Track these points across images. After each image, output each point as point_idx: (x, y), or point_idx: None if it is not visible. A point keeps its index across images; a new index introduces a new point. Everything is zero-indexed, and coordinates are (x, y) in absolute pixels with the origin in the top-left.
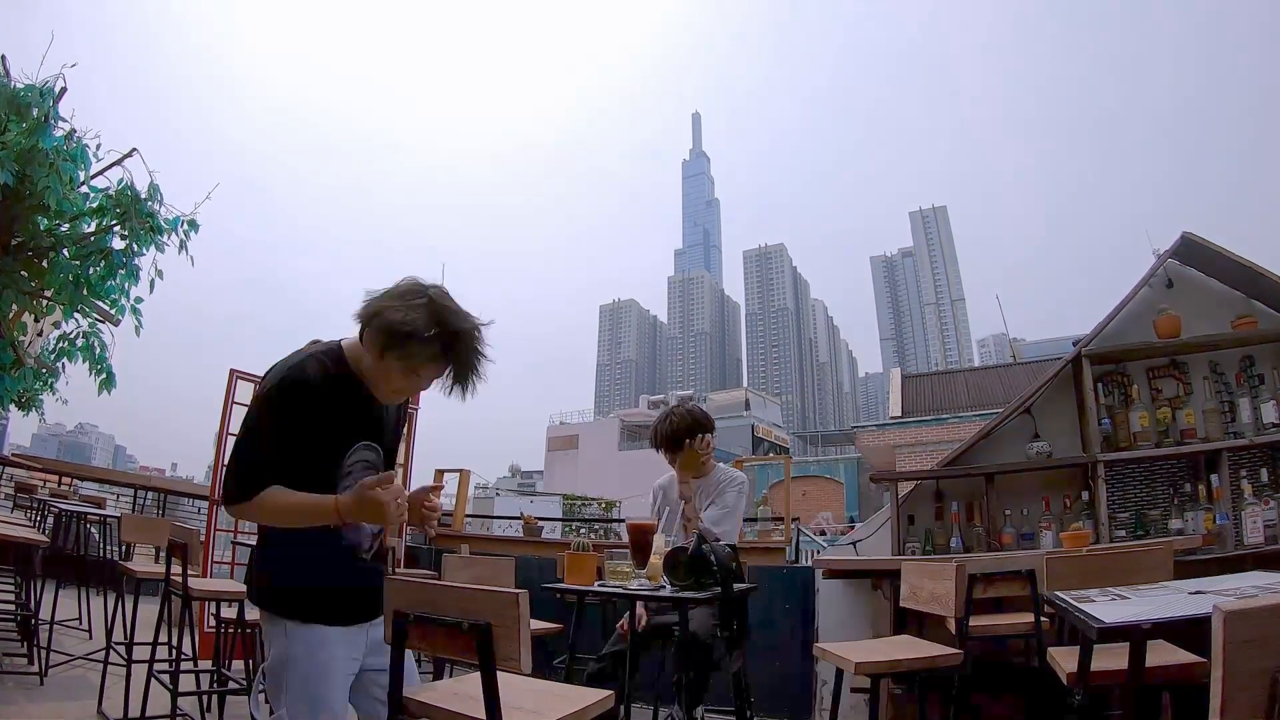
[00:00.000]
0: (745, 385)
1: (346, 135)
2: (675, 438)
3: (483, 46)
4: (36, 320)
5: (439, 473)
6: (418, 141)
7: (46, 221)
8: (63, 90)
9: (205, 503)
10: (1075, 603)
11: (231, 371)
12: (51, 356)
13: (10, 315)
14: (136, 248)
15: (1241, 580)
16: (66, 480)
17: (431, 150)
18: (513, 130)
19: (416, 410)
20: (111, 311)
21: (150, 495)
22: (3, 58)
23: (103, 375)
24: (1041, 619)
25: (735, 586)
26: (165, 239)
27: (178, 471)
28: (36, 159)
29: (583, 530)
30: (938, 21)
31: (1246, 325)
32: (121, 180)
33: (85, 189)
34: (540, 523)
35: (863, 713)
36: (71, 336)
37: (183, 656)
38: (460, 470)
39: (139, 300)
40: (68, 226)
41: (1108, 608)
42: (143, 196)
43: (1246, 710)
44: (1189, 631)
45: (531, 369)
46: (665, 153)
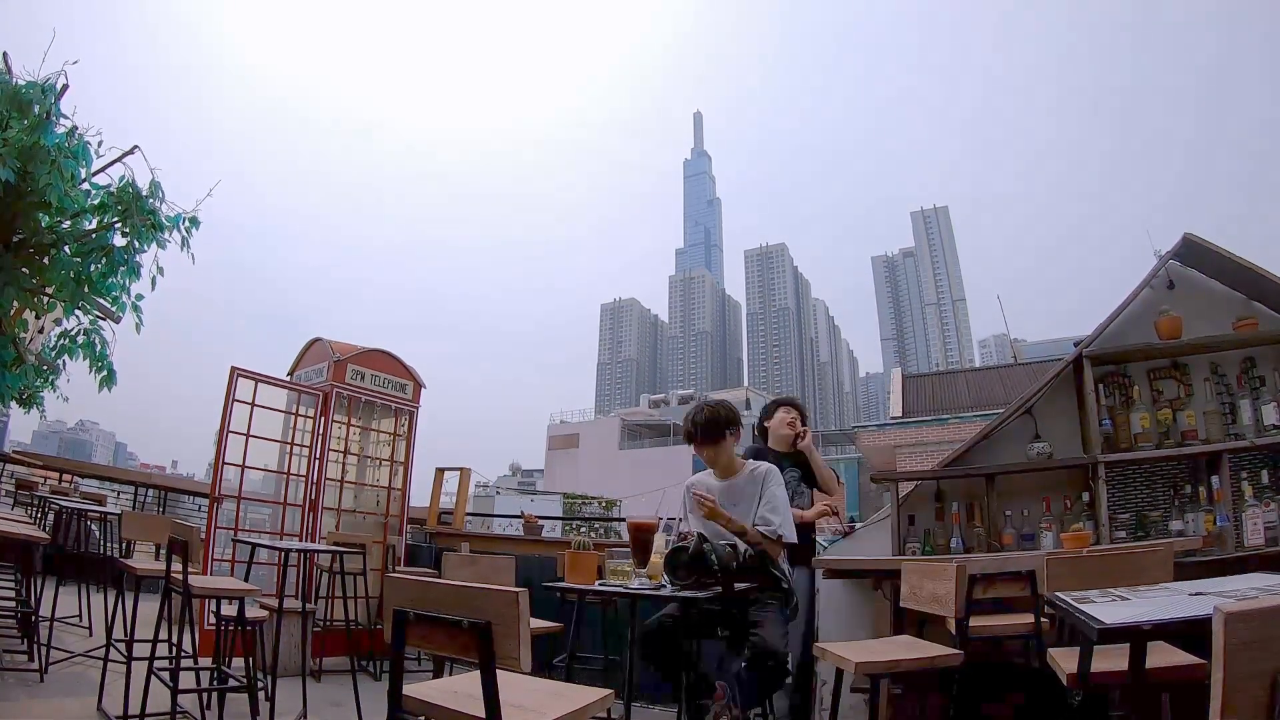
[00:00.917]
0: (746, 385)
1: (347, 130)
2: (715, 428)
3: (483, 45)
4: (37, 317)
5: (439, 471)
6: (418, 139)
7: (48, 218)
8: (64, 87)
9: (205, 500)
10: (1075, 604)
11: (233, 369)
12: (52, 353)
13: (11, 312)
14: (138, 245)
15: (1242, 582)
16: (67, 477)
17: (432, 148)
18: (513, 129)
19: (417, 410)
20: (112, 309)
21: (151, 492)
22: (4, 54)
23: (103, 372)
24: (1042, 620)
25: (735, 586)
26: (166, 236)
27: (178, 469)
28: (38, 156)
29: (583, 529)
30: (939, 22)
31: (1247, 327)
32: (123, 177)
33: (87, 186)
34: (541, 522)
35: (863, 713)
36: (72, 334)
37: (183, 654)
38: (460, 469)
39: (140, 297)
40: (69, 223)
41: (1108, 609)
42: (144, 193)
43: (1247, 711)
44: (1189, 633)
45: (532, 368)
46: (666, 152)
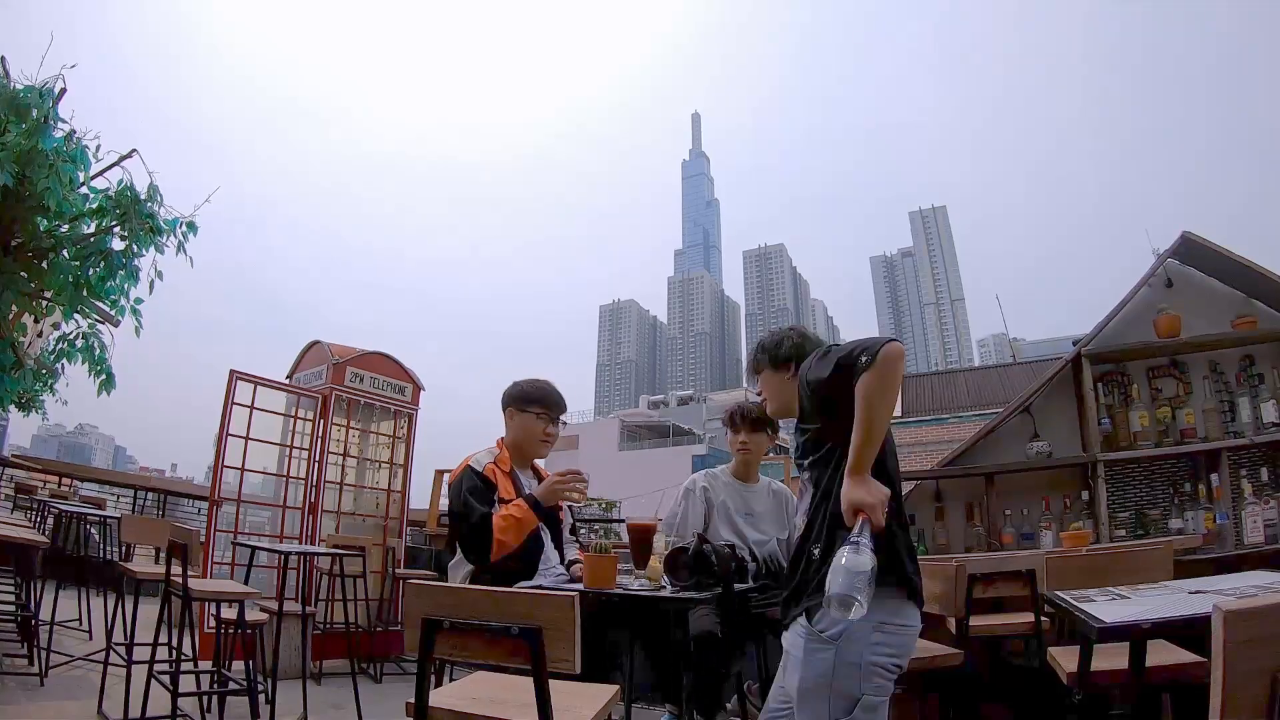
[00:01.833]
0: (745, 385)
1: (345, 136)
2: (764, 420)
3: (482, 47)
4: (36, 321)
5: (439, 473)
6: (417, 142)
7: (46, 222)
8: (62, 91)
9: (205, 503)
10: (1075, 602)
11: (232, 372)
12: (51, 357)
13: (10, 316)
14: (136, 248)
15: (1241, 580)
16: (66, 481)
17: (430, 151)
18: (511, 131)
19: (416, 412)
20: (111, 312)
21: (150, 496)
22: (2, 59)
23: (102, 376)
24: (1041, 619)
25: (735, 586)
26: (165, 240)
27: (177, 472)
28: (36, 160)
29: (598, 529)
30: (938, 22)
31: (1246, 325)
32: (121, 181)
33: (85, 190)
34: None
35: None
36: (71, 337)
37: (183, 657)
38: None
39: (139, 301)
40: (67, 227)
41: (1108, 607)
42: (142, 197)
43: (1247, 710)
44: (1189, 631)
45: (532, 369)
46: (665, 153)
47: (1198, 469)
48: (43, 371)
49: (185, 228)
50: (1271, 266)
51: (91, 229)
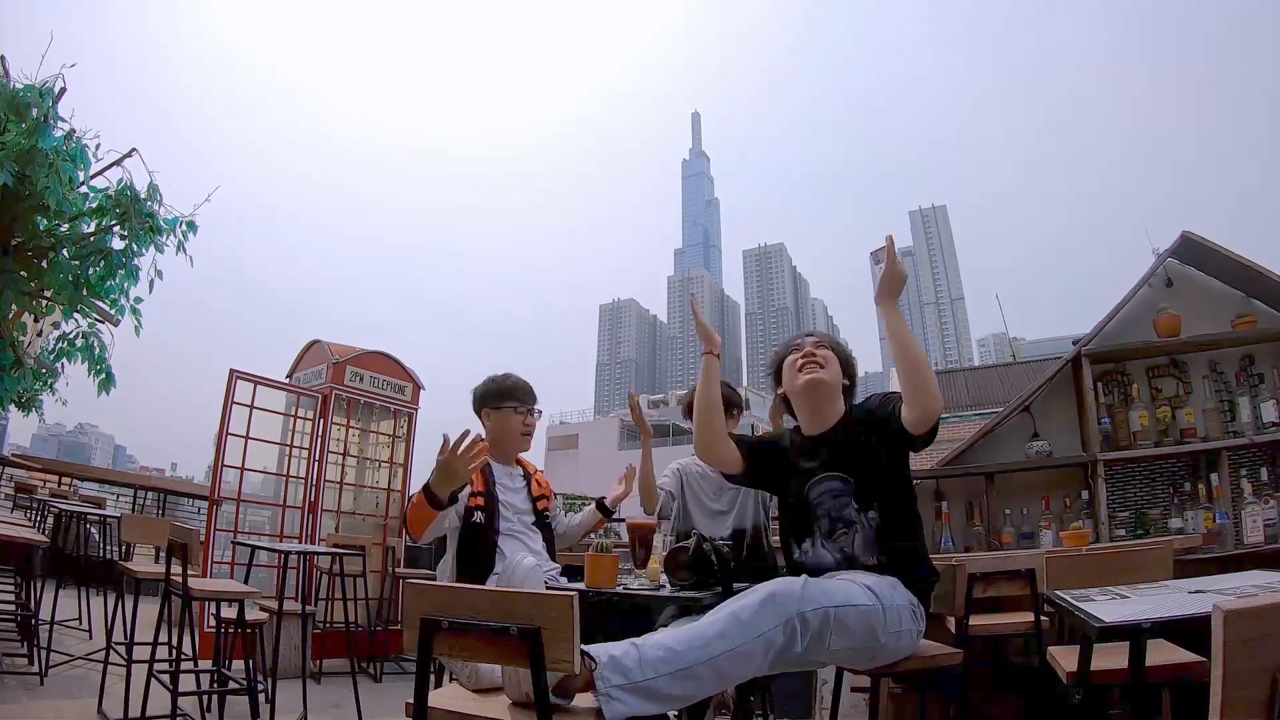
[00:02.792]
0: (745, 384)
1: (343, 135)
2: (726, 406)
3: (483, 47)
4: (36, 320)
5: None
6: (416, 141)
7: (46, 222)
8: (62, 90)
9: (205, 503)
10: (1075, 602)
11: (231, 371)
12: (51, 357)
13: (10, 315)
14: (136, 248)
15: (1241, 579)
16: (66, 480)
17: (429, 151)
18: (511, 131)
19: (416, 411)
20: (111, 312)
21: (150, 495)
22: (2, 58)
23: (102, 375)
24: (1041, 618)
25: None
26: (164, 239)
27: (177, 472)
28: (36, 159)
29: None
30: (938, 21)
31: (1246, 324)
32: (121, 180)
33: (85, 189)
34: None
35: (863, 712)
36: (71, 337)
37: (183, 656)
38: None
39: (139, 300)
40: (67, 227)
41: (1107, 607)
42: (142, 196)
43: (1246, 709)
44: (1189, 631)
45: (531, 369)
46: (665, 152)
47: (1198, 469)
48: (42, 371)
49: (185, 227)
50: (1271, 266)
51: (91, 228)
